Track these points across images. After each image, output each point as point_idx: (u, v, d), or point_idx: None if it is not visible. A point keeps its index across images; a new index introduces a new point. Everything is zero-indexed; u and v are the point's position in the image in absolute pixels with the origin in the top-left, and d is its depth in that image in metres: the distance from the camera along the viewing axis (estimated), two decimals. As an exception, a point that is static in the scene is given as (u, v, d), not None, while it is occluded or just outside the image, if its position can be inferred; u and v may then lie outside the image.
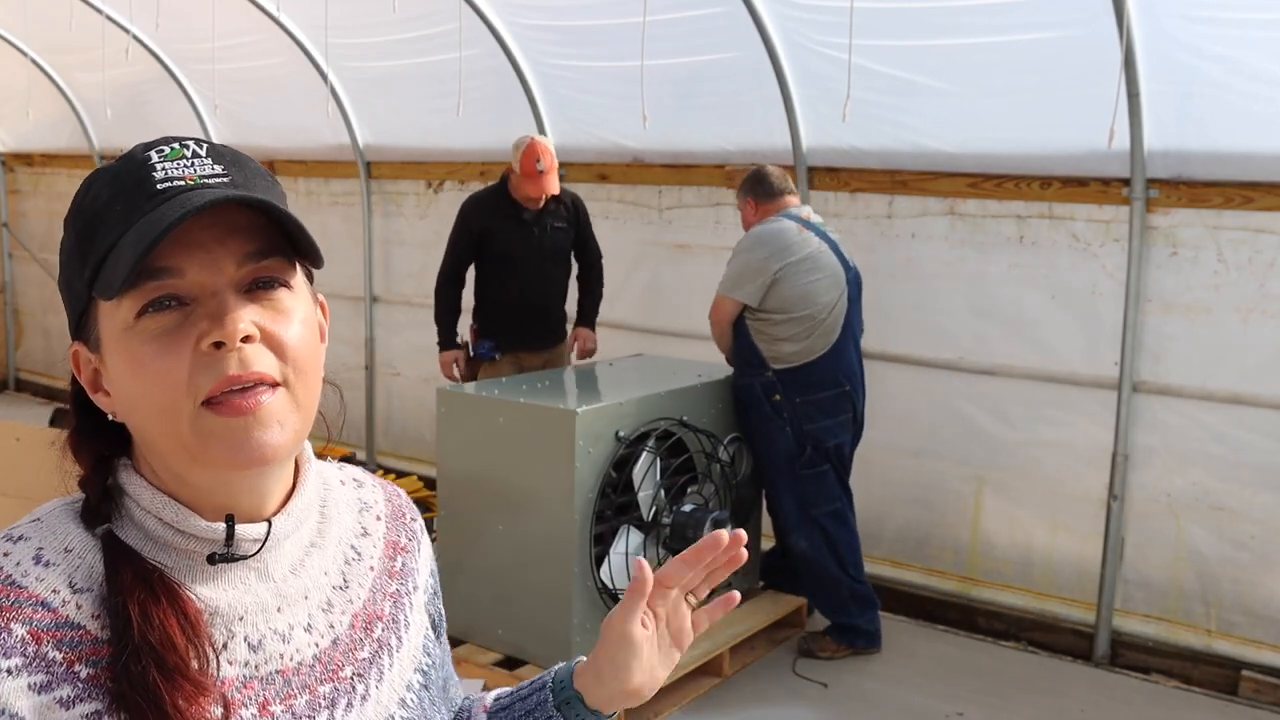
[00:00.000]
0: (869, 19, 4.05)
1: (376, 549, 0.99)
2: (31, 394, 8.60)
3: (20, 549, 0.82)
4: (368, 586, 0.96)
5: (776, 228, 4.01)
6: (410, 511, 1.07)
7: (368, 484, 1.05)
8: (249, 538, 0.86)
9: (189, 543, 0.85)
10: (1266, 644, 3.89)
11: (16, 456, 4.57)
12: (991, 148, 4.24)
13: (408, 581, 1.01)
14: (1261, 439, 3.86)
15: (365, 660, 0.93)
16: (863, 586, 4.14)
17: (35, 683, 0.77)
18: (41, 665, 0.77)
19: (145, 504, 0.85)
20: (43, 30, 6.70)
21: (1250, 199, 3.79)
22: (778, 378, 4.02)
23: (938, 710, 3.77)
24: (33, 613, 0.79)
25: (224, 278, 0.81)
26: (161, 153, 0.84)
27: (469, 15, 4.97)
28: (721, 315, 4.11)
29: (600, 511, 3.64)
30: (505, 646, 3.77)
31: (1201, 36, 3.66)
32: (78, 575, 0.81)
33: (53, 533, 0.84)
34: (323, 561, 0.93)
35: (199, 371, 0.79)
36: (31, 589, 0.80)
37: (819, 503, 4.08)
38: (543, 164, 4.46)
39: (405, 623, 0.99)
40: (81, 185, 0.86)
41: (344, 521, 0.98)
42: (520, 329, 4.70)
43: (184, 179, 0.82)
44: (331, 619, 0.92)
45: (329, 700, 0.89)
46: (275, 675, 0.86)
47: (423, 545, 1.06)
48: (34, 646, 0.78)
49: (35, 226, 8.51)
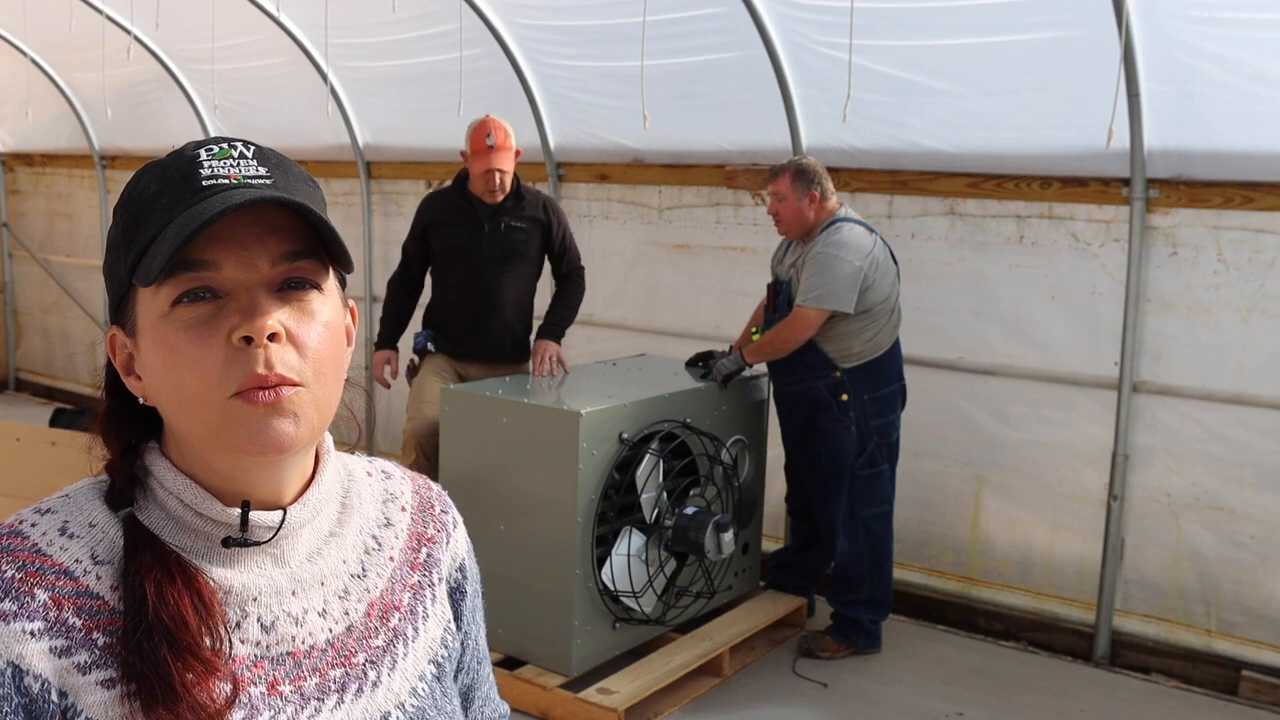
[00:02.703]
0: (869, 19, 4.06)
1: (399, 539, 1.02)
2: (31, 394, 8.60)
3: (47, 520, 0.86)
4: (386, 576, 0.99)
5: (857, 233, 3.92)
6: (441, 504, 1.08)
7: (396, 476, 1.07)
8: (263, 524, 0.89)
9: (206, 525, 0.88)
10: (1266, 644, 3.89)
11: (16, 456, 4.56)
12: (991, 148, 4.24)
13: (431, 573, 1.03)
14: (1261, 439, 3.86)
15: (379, 648, 0.95)
16: (884, 591, 4.15)
17: (56, 646, 0.80)
18: (62, 630, 0.81)
19: (169, 486, 0.88)
20: (43, 30, 6.70)
21: (1250, 199, 3.79)
22: (846, 376, 3.98)
23: (938, 710, 3.77)
24: (55, 580, 0.82)
25: (258, 275, 0.85)
26: (210, 150, 0.87)
27: (469, 15, 4.97)
28: (809, 327, 3.90)
29: (602, 513, 3.64)
30: (506, 647, 3.78)
31: (1201, 36, 3.66)
32: (100, 549, 0.85)
33: (79, 508, 0.88)
34: (341, 550, 0.96)
35: (231, 364, 0.83)
36: (56, 558, 0.84)
37: (870, 504, 4.07)
38: (493, 139, 4.10)
39: (424, 614, 1.00)
40: (133, 176, 0.89)
41: (366, 512, 1.00)
42: (460, 334, 4.29)
43: (228, 177, 0.85)
44: (347, 606, 0.94)
45: (339, 684, 0.92)
46: (286, 656, 0.89)
47: (454, 538, 1.07)
48: (55, 612, 0.81)
49: (35, 226, 8.51)
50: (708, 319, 5.10)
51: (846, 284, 3.86)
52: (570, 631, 3.61)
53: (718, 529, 3.77)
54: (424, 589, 1.01)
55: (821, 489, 4.13)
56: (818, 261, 3.89)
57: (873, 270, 3.90)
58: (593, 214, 5.49)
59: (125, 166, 7.60)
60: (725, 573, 4.19)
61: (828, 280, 3.86)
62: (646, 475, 3.73)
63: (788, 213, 4.01)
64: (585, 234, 5.52)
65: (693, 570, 4.02)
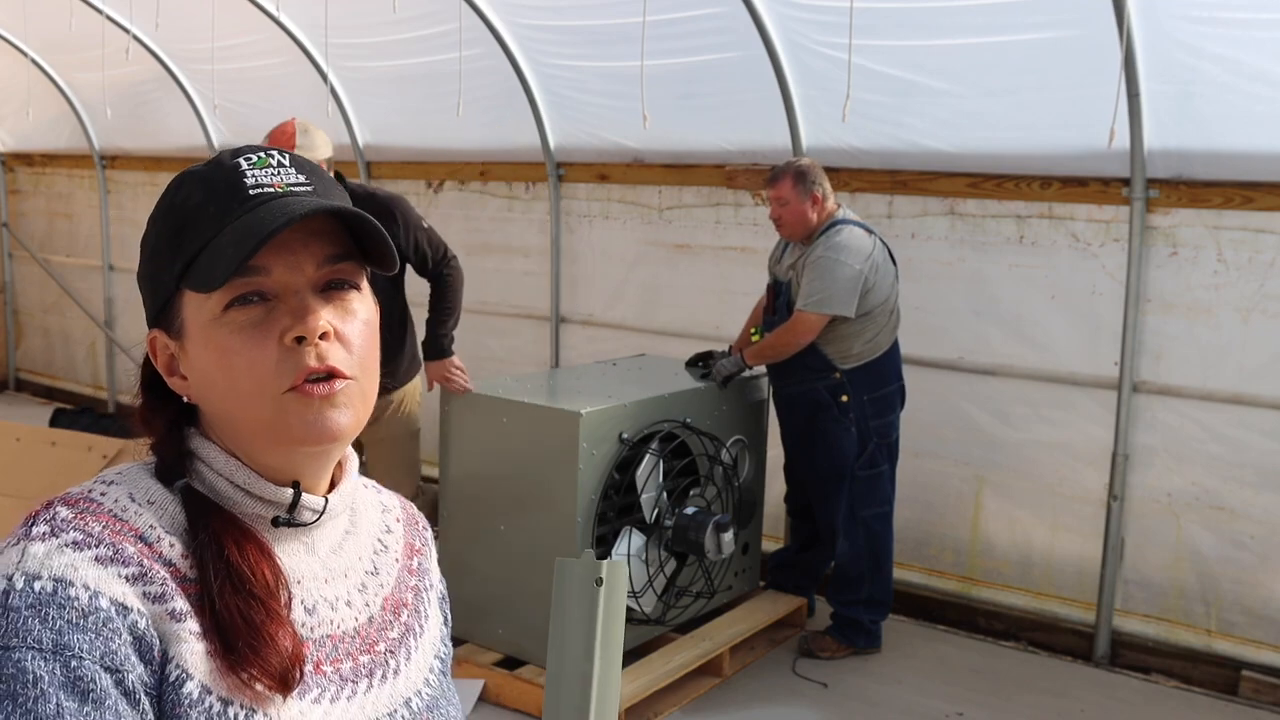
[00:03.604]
0: (869, 19, 4.06)
1: (398, 545, 1.08)
2: (31, 394, 8.60)
3: (115, 490, 0.89)
4: (394, 576, 1.05)
5: (857, 235, 3.91)
6: (421, 520, 1.15)
7: (385, 492, 1.13)
8: (310, 507, 0.94)
9: (256, 506, 0.92)
10: (1266, 644, 3.89)
11: (16, 456, 4.57)
12: (991, 148, 4.24)
13: (424, 579, 1.09)
14: (1261, 439, 3.86)
15: (395, 640, 1.01)
16: (884, 591, 4.15)
17: (150, 592, 0.83)
18: (154, 579, 0.84)
19: (219, 468, 0.92)
20: (43, 30, 6.70)
21: (1250, 199, 3.79)
22: (846, 378, 3.98)
23: (938, 710, 3.77)
24: (136, 541, 0.86)
25: (304, 278, 0.90)
26: (249, 160, 0.91)
27: (469, 15, 4.97)
28: (810, 331, 3.90)
29: (602, 513, 3.64)
30: (506, 646, 3.78)
31: (1201, 36, 3.66)
32: (163, 521, 0.89)
33: (137, 484, 0.91)
34: (357, 547, 1.02)
35: (283, 362, 0.88)
36: (132, 522, 0.87)
37: (870, 504, 4.07)
38: None
39: (425, 614, 1.07)
40: (170, 185, 0.93)
41: (371, 517, 1.07)
42: None
43: (273, 186, 0.90)
44: (366, 598, 1.00)
45: (368, 670, 0.97)
46: (325, 639, 0.94)
47: (432, 551, 1.14)
48: (146, 563, 0.84)
49: (35, 226, 8.51)
50: (708, 319, 5.10)
51: (847, 288, 3.85)
52: (570, 631, 3.61)
53: (718, 529, 3.77)
54: (421, 592, 1.08)
55: (821, 489, 4.13)
56: (818, 266, 3.88)
57: (873, 273, 3.90)
58: (593, 214, 5.49)
59: (125, 166, 7.60)
60: (725, 573, 4.19)
61: (829, 285, 3.85)
62: (646, 475, 3.73)
63: (791, 216, 3.99)
64: (585, 234, 5.53)
65: (693, 570, 4.02)
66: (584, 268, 5.55)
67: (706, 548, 3.75)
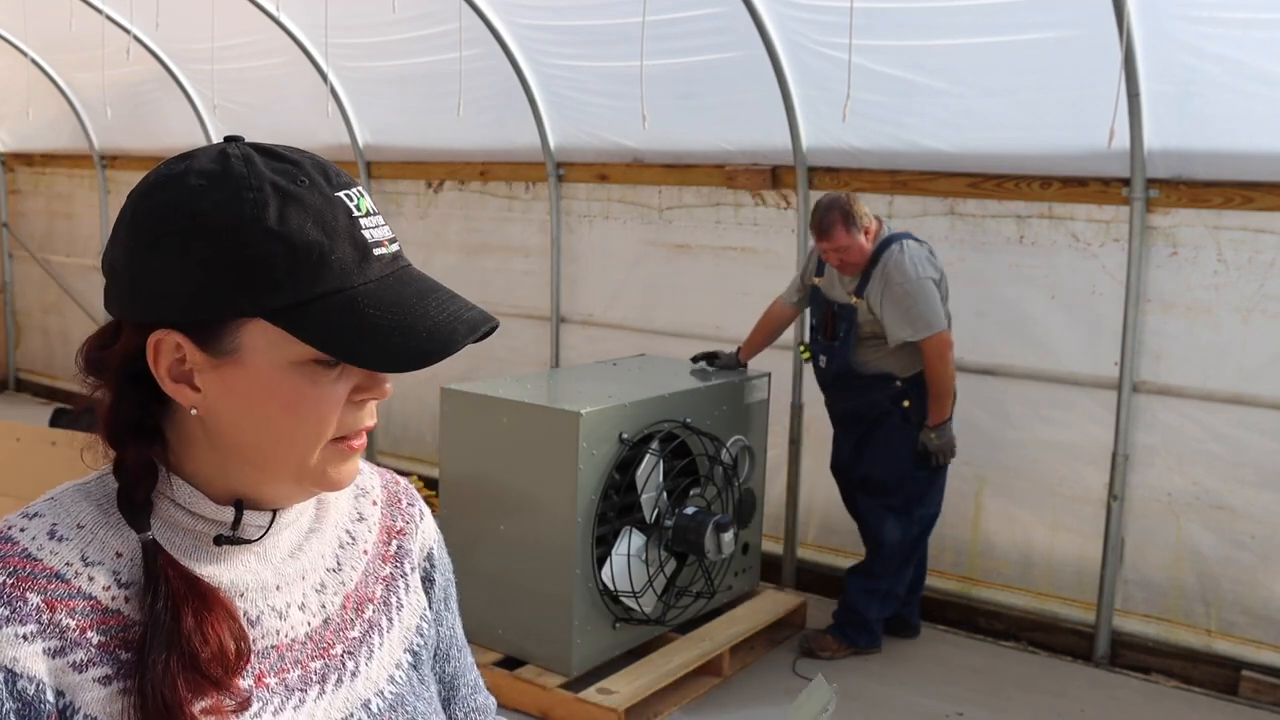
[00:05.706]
0: (869, 19, 4.05)
1: (371, 533, 1.05)
2: (31, 394, 8.60)
3: (35, 525, 0.87)
4: (360, 569, 1.02)
5: (912, 249, 3.96)
6: (408, 498, 1.12)
7: (365, 471, 1.09)
8: (254, 524, 0.92)
9: (198, 524, 0.90)
10: (1266, 644, 3.89)
11: (16, 456, 4.56)
12: (991, 148, 4.24)
13: (403, 564, 1.06)
14: (1261, 439, 3.86)
15: (355, 639, 0.99)
16: (899, 585, 4.16)
17: (50, 647, 0.82)
18: (55, 631, 0.82)
19: (159, 486, 0.89)
20: (43, 30, 6.70)
21: (1250, 199, 3.79)
22: (907, 384, 4.02)
23: (938, 710, 3.77)
24: (47, 583, 0.84)
25: None
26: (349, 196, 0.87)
27: (469, 15, 4.97)
28: (947, 348, 3.93)
29: (602, 513, 3.64)
30: (506, 646, 3.78)
31: (1202, 36, 3.66)
32: (90, 550, 0.86)
33: (66, 511, 0.88)
34: (320, 545, 0.99)
35: (346, 417, 0.89)
36: (46, 562, 0.85)
37: (926, 503, 4.12)
38: None
39: (398, 604, 1.04)
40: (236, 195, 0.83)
41: (341, 507, 1.04)
42: None
43: (381, 243, 0.88)
44: (324, 599, 0.98)
45: (319, 675, 0.95)
46: (270, 650, 0.92)
47: (421, 528, 1.10)
48: (48, 614, 0.82)
49: (35, 226, 8.51)
50: (708, 319, 5.10)
51: (935, 303, 3.92)
52: (570, 631, 3.61)
53: (718, 529, 3.77)
54: (396, 580, 1.05)
55: (884, 491, 4.12)
56: (905, 299, 3.91)
57: (941, 279, 4.00)
58: (593, 214, 5.49)
59: (125, 166, 7.60)
60: (725, 573, 4.19)
61: (924, 308, 3.90)
62: (646, 475, 3.73)
63: (853, 257, 3.99)
64: (585, 234, 5.53)
65: (693, 570, 4.02)
66: (584, 268, 5.55)
67: (706, 548, 3.75)
